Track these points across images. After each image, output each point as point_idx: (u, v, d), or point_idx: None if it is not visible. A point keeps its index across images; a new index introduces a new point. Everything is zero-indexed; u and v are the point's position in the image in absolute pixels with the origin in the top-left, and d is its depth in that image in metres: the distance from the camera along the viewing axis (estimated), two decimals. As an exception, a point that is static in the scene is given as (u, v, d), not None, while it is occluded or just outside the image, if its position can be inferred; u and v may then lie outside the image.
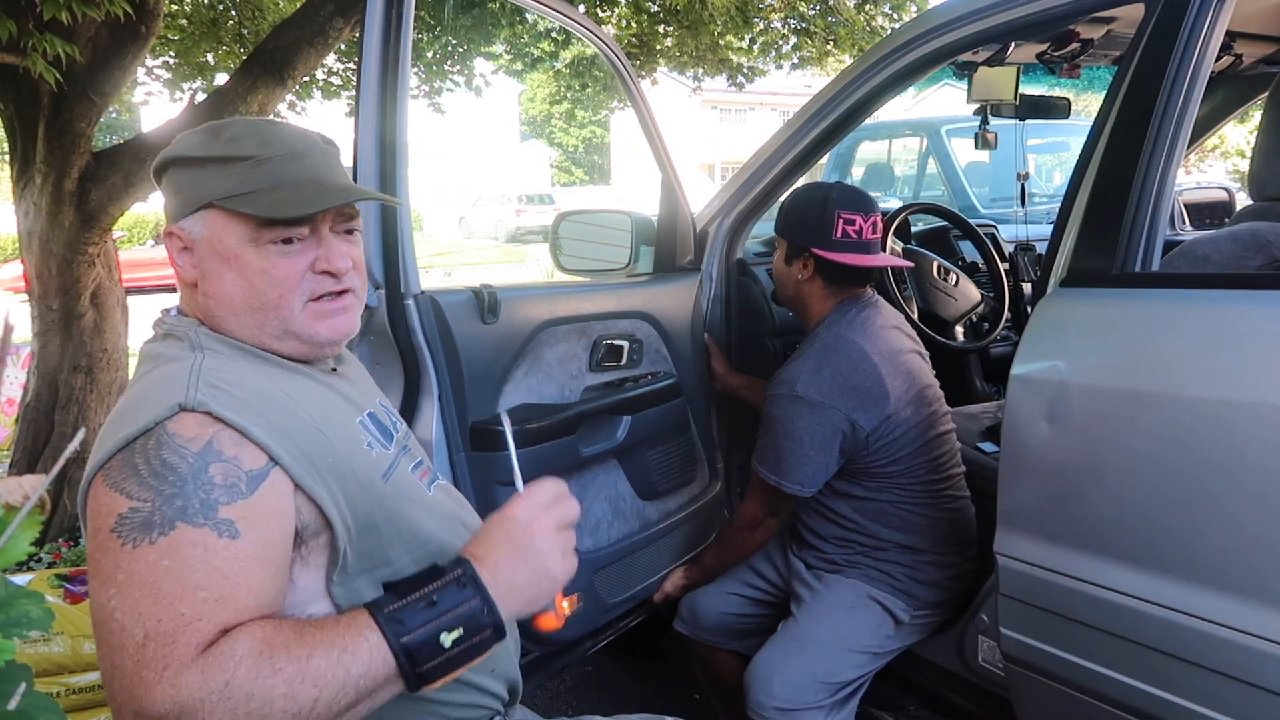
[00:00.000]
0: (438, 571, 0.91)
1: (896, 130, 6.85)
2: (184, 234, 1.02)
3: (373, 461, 1.04)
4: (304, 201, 0.99)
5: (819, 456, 1.72)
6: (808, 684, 1.72)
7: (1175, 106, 1.31)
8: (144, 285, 14.33)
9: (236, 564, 0.85)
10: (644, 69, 5.57)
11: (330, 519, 0.95)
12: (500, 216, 23.91)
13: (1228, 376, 1.17)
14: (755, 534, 1.88)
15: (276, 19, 4.56)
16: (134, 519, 0.84)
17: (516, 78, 6.31)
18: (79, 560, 3.03)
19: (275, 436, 0.93)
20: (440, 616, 0.87)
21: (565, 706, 2.47)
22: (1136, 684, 1.29)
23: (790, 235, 1.86)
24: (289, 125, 1.08)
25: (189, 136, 1.04)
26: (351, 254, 1.05)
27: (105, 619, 0.83)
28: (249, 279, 1.00)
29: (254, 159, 1.00)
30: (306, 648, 0.82)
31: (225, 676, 0.78)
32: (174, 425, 0.89)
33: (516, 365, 1.80)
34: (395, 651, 0.84)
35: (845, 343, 1.76)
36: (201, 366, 0.96)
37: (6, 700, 0.47)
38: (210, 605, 0.82)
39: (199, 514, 0.85)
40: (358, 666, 0.83)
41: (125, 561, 0.83)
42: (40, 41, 2.39)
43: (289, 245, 1.00)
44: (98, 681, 1.93)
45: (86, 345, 3.24)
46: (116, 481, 0.86)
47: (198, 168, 1.01)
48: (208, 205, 1.00)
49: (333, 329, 1.04)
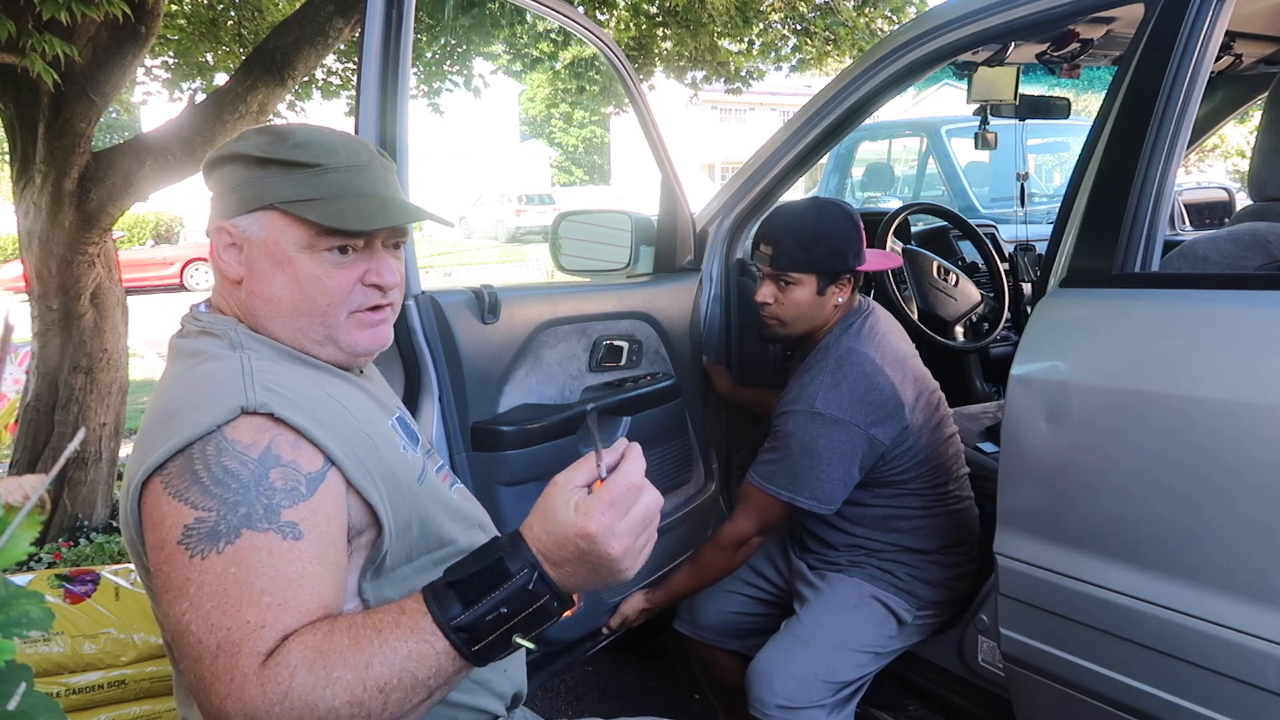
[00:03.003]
0: (501, 568, 0.84)
1: (896, 130, 6.85)
2: (237, 231, 1.02)
3: (409, 465, 1.05)
4: (368, 216, 1.00)
5: (838, 473, 1.70)
6: (810, 682, 1.72)
7: (1175, 106, 1.31)
8: (144, 285, 14.36)
9: (299, 565, 0.85)
10: (641, 73, 5.56)
11: (381, 519, 0.96)
12: (500, 216, 23.91)
13: (1227, 377, 1.17)
14: (738, 553, 1.80)
15: (276, 19, 4.56)
16: (200, 530, 0.84)
17: (516, 78, 6.30)
18: (79, 560, 3.03)
19: (330, 437, 0.93)
20: (510, 621, 0.83)
21: (565, 706, 2.47)
22: (1136, 684, 1.29)
23: (829, 265, 1.76)
24: (351, 136, 1.08)
25: (251, 135, 1.03)
26: (399, 269, 1.07)
27: (182, 632, 0.82)
28: (300, 284, 1.01)
29: (320, 167, 1.00)
30: (363, 654, 0.80)
31: (283, 689, 0.78)
32: (232, 431, 0.89)
33: (517, 365, 1.80)
34: (466, 656, 0.83)
35: (858, 355, 1.74)
36: (253, 367, 0.95)
37: (6, 700, 0.47)
38: (274, 610, 0.82)
39: (263, 519, 0.85)
40: (424, 671, 0.82)
41: (195, 573, 0.83)
42: (39, 42, 2.39)
43: (344, 255, 1.01)
44: (98, 682, 1.93)
45: (86, 345, 3.24)
46: (178, 490, 0.86)
47: (260, 168, 1.01)
48: (268, 206, 1.00)
49: (372, 339, 1.06)
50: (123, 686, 1.96)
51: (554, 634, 1.82)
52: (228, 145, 1.04)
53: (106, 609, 2.00)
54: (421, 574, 1.02)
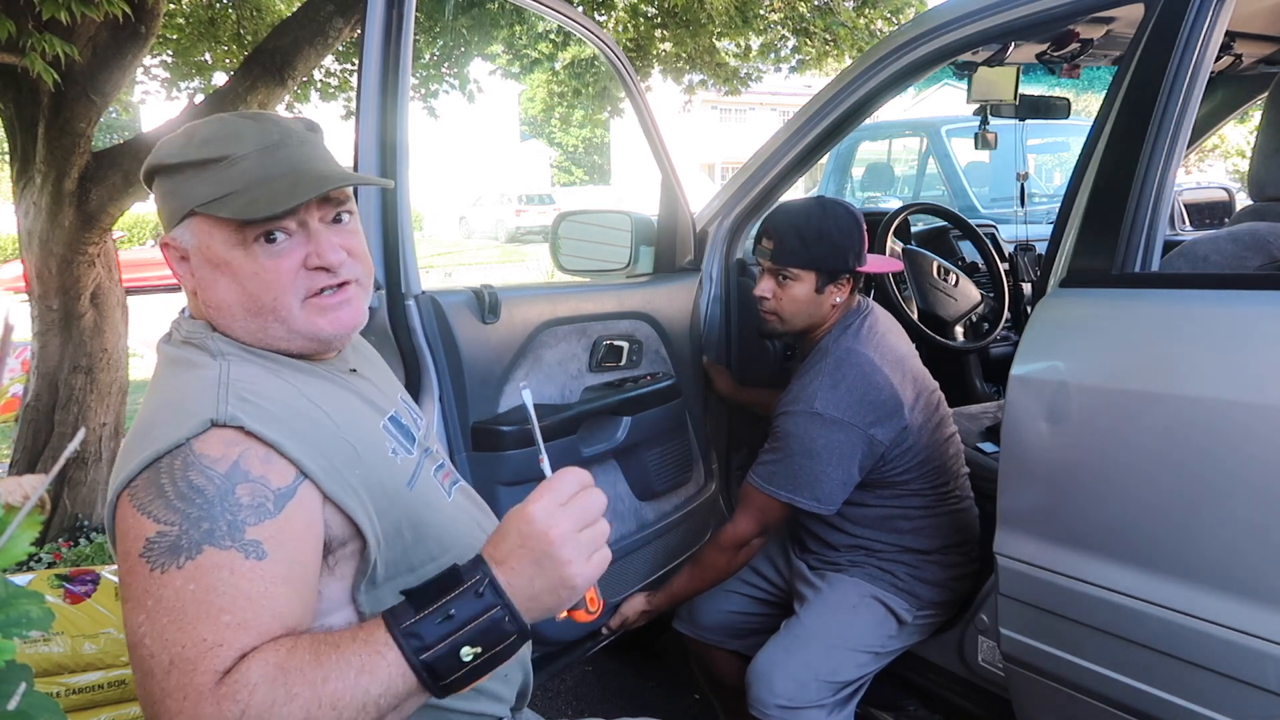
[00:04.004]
0: (455, 576, 0.85)
1: (896, 130, 6.85)
2: (176, 243, 0.99)
3: (398, 469, 1.02)
4: (276, 197, 0.94)
5: (838, 473, 1.69)
6: (810, 682, 1.72)
7: (1175, 106, 1.31)
8: (144, 285, 14.35)
9: (261, 585, 0.84)
10: (639, 75, 5.55)
11: (363, 530, 0.94)
12: (500, 216, 23.90)
13: (1227, 377, 1.17)
14: (739, 554, 1.79)
15: (275, 19, 4.56)
16: (161, 543, 0.83)
17: (516, 78, 6.28)
18: (79, 560, 3.04)
19: (305, 449, 0.91)
20: (459, 630, 0.82)
21: (565, 707, 2.47)
22: (1136, 684, 1.29)
23: (829, 263, 1.77)
24: (266, 115, 1.03)
25: (167, 142, 1.00)
26: (345, 244, 1.00)
27: (136, 644, 0.82)
28: (242, 284, 0.97)
29: (228, 159, 0.96)
30: (321, 670, 0.80)
31: (241, 706, 0.77)
32: (200, 445, 0.87)
33: (517, 365, 1.80)
34: (415, 669, 0.81)
35: (857, 356, 1.74)
36: (229, 377, 0.93)
37: (6, 700, 0.47)
38: (232, 630, 0.81)
39: (225, 536, 0.84)
40: (376, 686, 0.80)
41: (154, 586, 0.82)
42: (39, 41, 2.39)
43: (274, 244, 0.96)
44: (98, 682, 1.93)
45: (86, 345, 3.24)
46: (143, 503, 0.85)
47: (178, 174, 0.98)
48: (191, 213, 0.97)
49: (335, 323, 1.00)
50: (123, 686, 1.96)
51: (554, 634, 1.83)
52: (149, 158, 1.00)
53: (106, 609, 2.00)
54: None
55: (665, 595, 1.90)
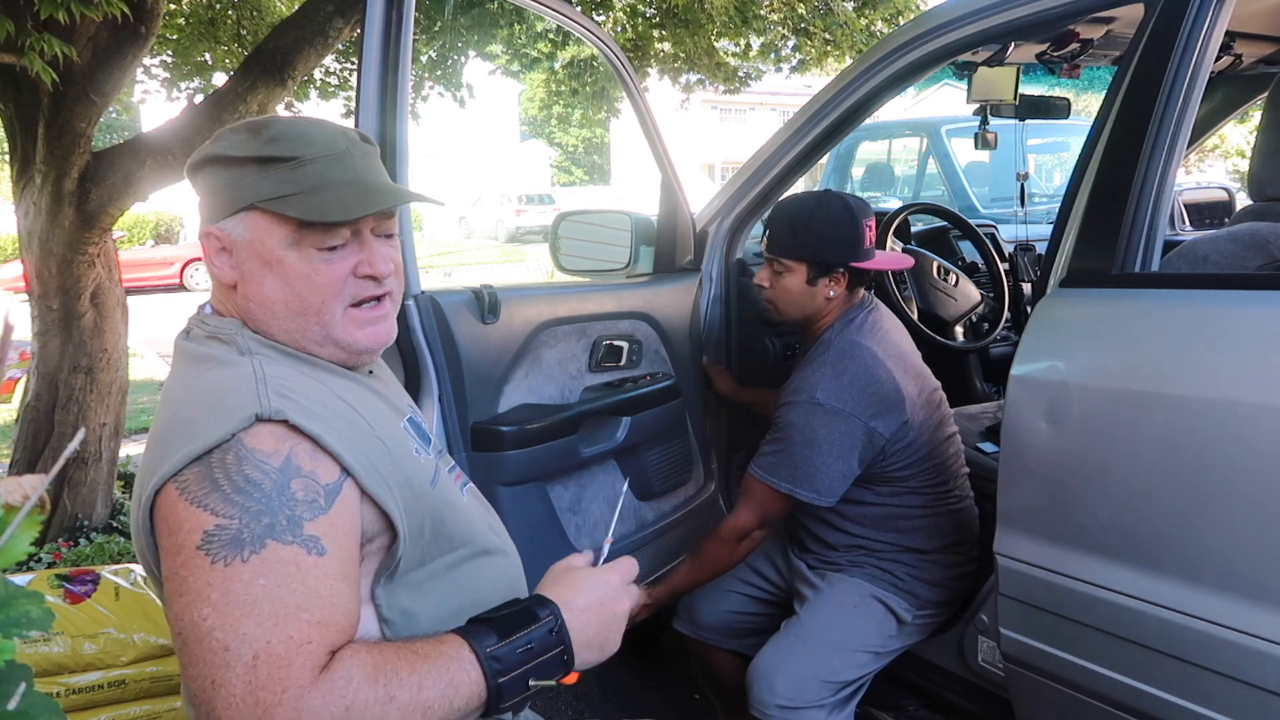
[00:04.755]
0: (529, 611, 0.93)
1: (896, 130, 6.85)
2: (224, 235, 1.00)
3: (421, 468, 1.03)
4: (348, 205, 0.97)
5: (838, 465, 1.69)
6: (810, 682, 1.72)
7: (1175, 106, 1.31)
8: (144, 285, 14.36)
9: (327, 582, 0.85)
10: (637, 75, 5.53)
11: (396, 526, 0.95)
12: (500, 216, 23.91)
13: (1227, 377, 1.17)
14: (740, 547, 1.79)
15: (275, 19, 4.56)
16: (222, 536, 0.83)
17: (515, 78, 6.27)
18: (79, 560, 3.03)
19: (345, 446, 0.92)
20: (532, 662, 0.90)
21: (565, 707, 2.47)
22: (1136, 684, 1.29)
23: (820, 255, 1.77)
24: (330, 123, 1.05)
25: (228, 135, 1.01)
26: (393, 257, 1.03)
27: (201, 636, 0.81)
28: (291, 283, 0.98)
29: (296, 160, 0.97)
30: (416, 676, 0.84)
31: (346, 701, 0.79)
32: (251, 439, 0.88)
33: (516, 365, 1.81)
34: (490, 689, 0.87)
35: (860, 349, 1.74)
36: (265, 373, 0.94)
37: (6, 700, 0.47)
38: (315, 628, 0.82)
39: (286, 530, 0.84)
40: (460, 700, 0.86)
41: (218, 579, 0.81)
42: (38, 41, 2.38)
43: (331, 250, 0.98)
44: (98, 682, 1.93)
45: (86, 345, 3.24)
46: (196, 496, 0.85)
47: (237, 168, 0.98)
48: (249, 207, 0.98)
49: (371, 337, 1.03)
50: (123, 686, 1.96)
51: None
52: (206, 147, 1.02)
53: (106, 609, 2.00)
54: (435, 579, 1.01)
55: (666, 589, 1.90)
